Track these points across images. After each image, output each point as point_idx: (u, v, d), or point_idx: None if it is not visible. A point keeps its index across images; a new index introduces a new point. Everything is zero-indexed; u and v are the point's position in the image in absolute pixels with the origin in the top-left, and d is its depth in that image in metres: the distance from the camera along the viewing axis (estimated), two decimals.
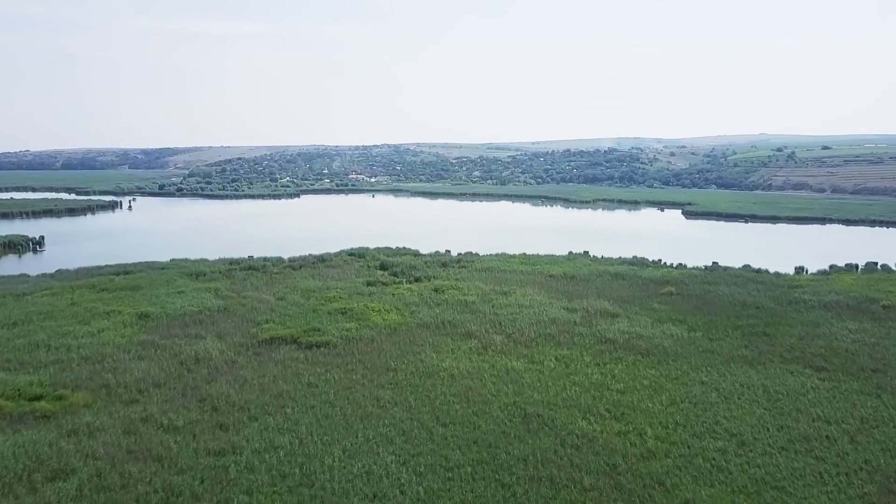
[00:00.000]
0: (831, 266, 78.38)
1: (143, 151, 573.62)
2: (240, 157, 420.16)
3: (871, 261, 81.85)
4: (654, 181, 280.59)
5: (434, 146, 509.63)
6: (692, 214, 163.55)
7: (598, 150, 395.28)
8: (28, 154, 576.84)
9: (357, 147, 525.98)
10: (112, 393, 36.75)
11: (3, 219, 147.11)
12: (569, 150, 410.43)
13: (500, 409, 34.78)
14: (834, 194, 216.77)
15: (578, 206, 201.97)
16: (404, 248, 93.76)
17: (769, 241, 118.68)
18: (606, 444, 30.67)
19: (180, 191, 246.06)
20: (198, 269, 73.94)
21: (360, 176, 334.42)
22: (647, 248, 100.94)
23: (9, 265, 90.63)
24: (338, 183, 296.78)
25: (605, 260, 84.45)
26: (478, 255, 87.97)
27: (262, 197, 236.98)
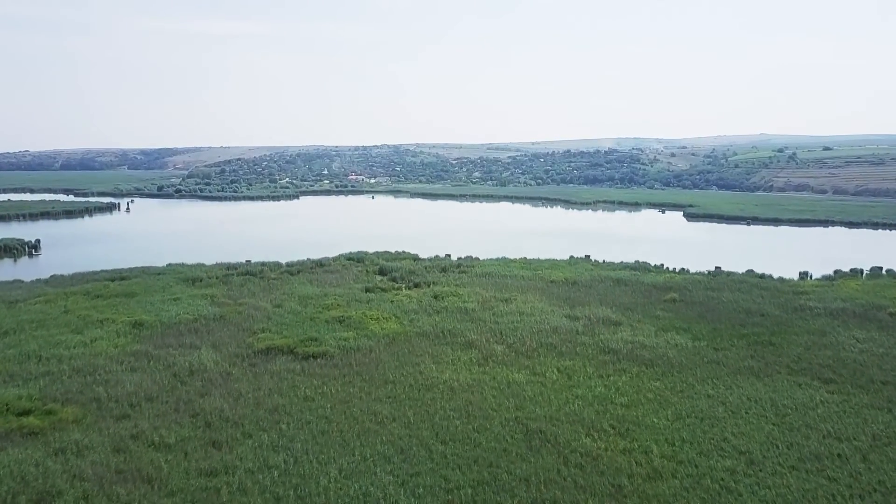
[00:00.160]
0: (836, 271, 77.45)
1: (143, 152, 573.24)
2: (239, 158, 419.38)
3: (876, 265, 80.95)
4: (654, 182, 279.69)
5: (434, 147, 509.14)
6: (693, 216, 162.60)
7: (598, 150, 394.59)
8: (27, 154, 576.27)
9: (357, 147, 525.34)
10: (103, 407, 35.79)
11: None
12: (569, 150, 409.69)
13: (501, 424, 33.82)
14: (835, 196, 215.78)
15: (579, 208, 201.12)
16: (403, 251, 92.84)
17: (772, 245, 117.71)
18: (611, 462, 29.71)
19: (179, 192, 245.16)
20: (194, 275, 73.00)
21: (360, 177, 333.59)
22: (649, 251, 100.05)
23: (3, 270, 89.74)
24: (337, 184, 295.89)
25: (606, 265, 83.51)
26: (478, 260, 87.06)
27: (261, 198, 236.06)
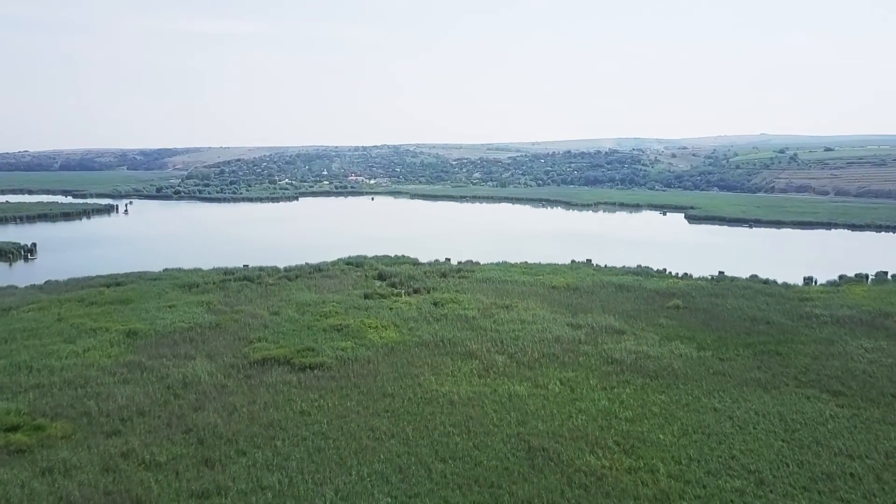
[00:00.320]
0: (841, 276, 76.48)
1: (142, 152, 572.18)
2: (238, 159, 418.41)
3: (881, 270, 79.96)
4: (655, 183, 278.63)
5: (434, 147, 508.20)
6: (695, 219, 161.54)
7: (598, 151, 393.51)
8: (26, 155, 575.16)
9: (357, 148, 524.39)
10: (93, 422, 34.85)
11: None
12: (569, 151, 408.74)
13: (502, 441, 32.86)
14: (837, 197, 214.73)
15: (579, 209, 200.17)
16: (403, 255, 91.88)
17: (775, 248, 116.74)
18: (617, 483, 28.75)
19: (178, 194, 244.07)
20: (191, 281, 72.03)
21: (360, 178, 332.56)
22: (651, 255, 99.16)
23: None
24: (337, 185, 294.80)
25: (608, 269, 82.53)
26: (478, 264, 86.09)
27: (260, 200, 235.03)
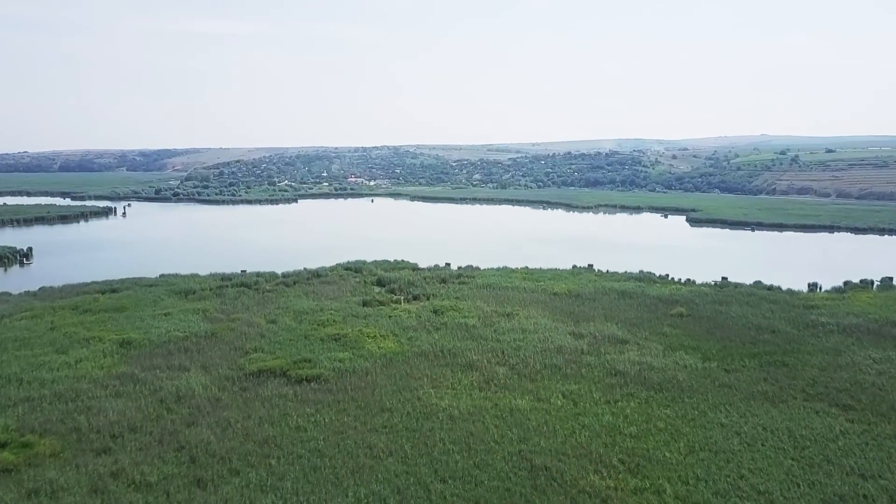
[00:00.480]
0: (846, 282, 75.51)
1: (142, 153, 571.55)
2: (238, 160, 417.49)
3: (887, 276, 79.05)
4: (656, 185, 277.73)
5: (434, 148, 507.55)
6: (697, 221, 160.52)
7: (599, 152, 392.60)
8: (26, 156, 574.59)
9: (357, 149, 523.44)
10: (83, 439, 33.89)
11: None
12: (570, 152, 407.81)
13: (503, 459, 31.89)
14: (839, 199, 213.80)
15: (580, 211, 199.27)
16: (402, 260, 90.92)
17: (778, 252, 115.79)
18: None
19: (176, 195, 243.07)
20: (187, 287, 71.08)
21: (360, 179, 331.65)
22: (653, 260, 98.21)
23: None
24: (337, 187, 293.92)
25: (610, 275, 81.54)
26: (478, 269, 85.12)
27: (259, 202, 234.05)
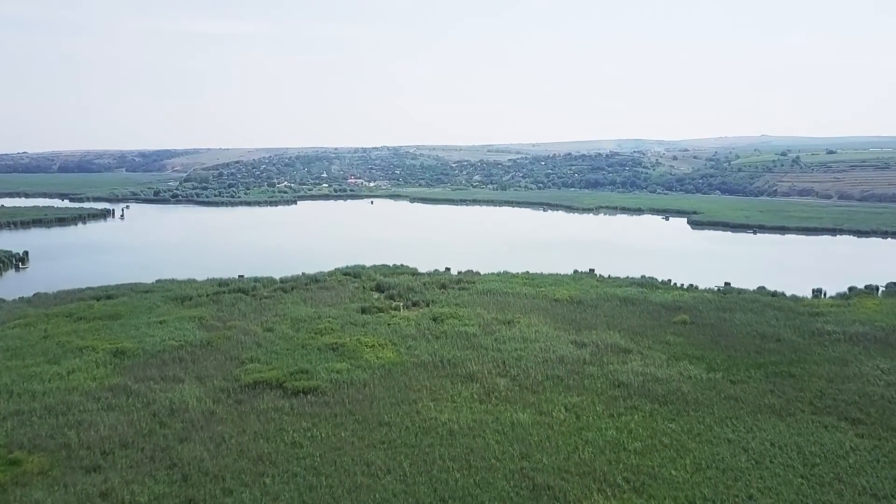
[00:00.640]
0: (850, 288, 74.60)
1: (141, 154, 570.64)
2: (238, 161, 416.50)
3: (892, 281, 78.15)
4: (656, 186, 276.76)
5: (434, 149, 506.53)
6: (698, 224, 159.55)
7: (599, 153, 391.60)
8: (25, 156, 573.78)
9: (356, 149, 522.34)
10: (73, 455, 32.98)
11: None
12: (570, 153, 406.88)
13: (504, 477, 30.98)
14: (841, 201, 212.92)
15: (581, 213, 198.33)
16: (402, 265, 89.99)
17: (781, 256, 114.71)
18: None
19: (175, 197, 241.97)
20: (184, 293, 70.16)
21: (359, 180, 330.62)
22: (655, 264, 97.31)
23: None
24: (336, 188, 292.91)
25: (612, 280, 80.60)
26: (479, 274, 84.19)
27: (258, 204, 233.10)
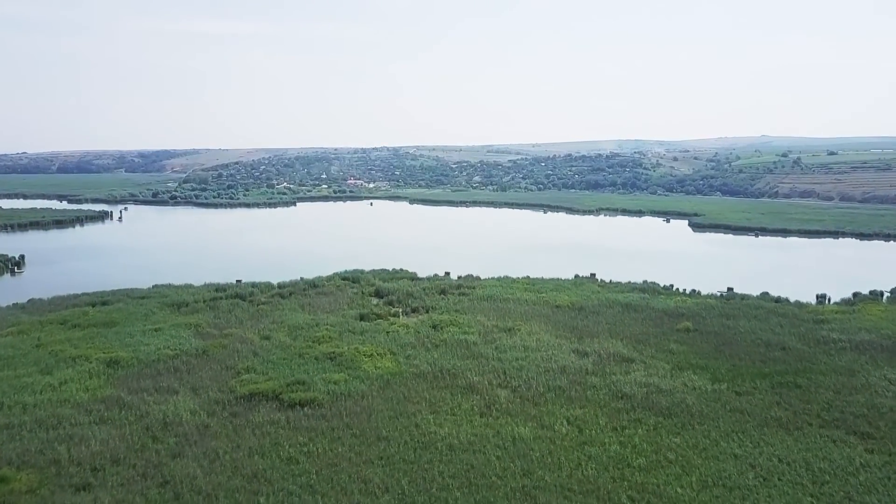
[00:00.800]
0: (855, 294, 73.70)
1: (141, 154, 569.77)
2: (237, 162, 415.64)
3: None
4: (657, 187, 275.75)
5: (434, 149, 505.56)
6: (699, 227, 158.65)
7: (599, 154, 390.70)
8: (24, 157, 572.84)
9: (356, 150, 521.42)
10: (62, 472, 32.12)
11: None
12: (570, 154, 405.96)
13: (506, 496, 30.12)
14: (842, 202, 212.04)
15: (581, 215, 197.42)
16: (401, 269, 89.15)
17: (783, 260, 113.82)
18: None
19: (174, 199, 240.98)
20: (180, 299, 69.29)
21: (359, 181, 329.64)
22: (656, 268, 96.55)
23: None
24: (336, 189, 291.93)
25: (613, 286, 79.71)
26: (479, 279, 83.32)
27: (257, 205, 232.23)
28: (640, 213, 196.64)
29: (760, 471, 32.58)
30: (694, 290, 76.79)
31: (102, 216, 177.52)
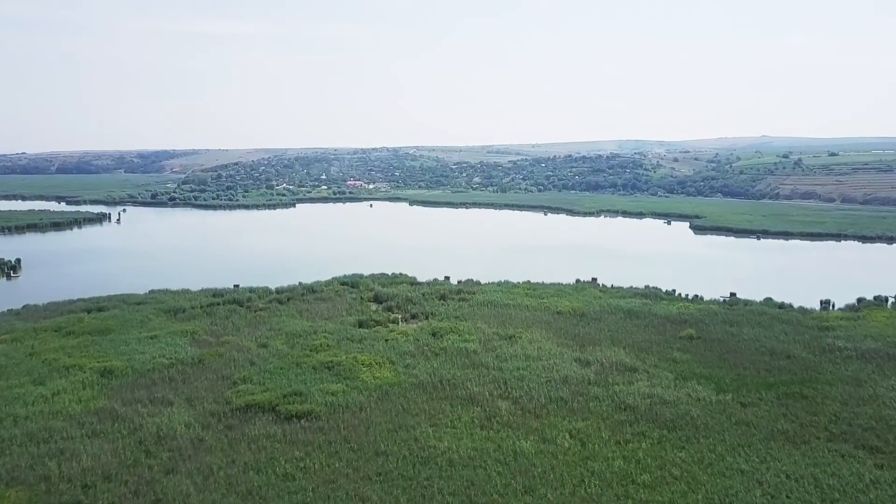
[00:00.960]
0: (859, 299, 72.88)
1: (140, 155, 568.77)
2: (237, 162, 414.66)
3: None
4: (658, 189, 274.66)
5: (434, 149, 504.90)
6: (701, 229, 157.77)
7: (600, 155, 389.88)
8: (24, 157, 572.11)
9: (356, 150, 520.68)
10: (52, 490, 31.35)
11: None
12: (570, 155, 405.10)
13: None
14: (843, 204, 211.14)
15: (582, 216, 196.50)
16: (401, 274, 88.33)
17: (786, 264, 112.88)
18: None
19: (172, 200, 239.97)
20: (177, 305, 68.49)
21: (359, 182, 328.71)
22: (658, 272, 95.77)
23: None
24: (335, 191, 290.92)
25: (615, 291, 78.90)
26: (479, 284, 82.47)
27: (256, 207, 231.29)
28: (640, 214, 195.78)
29: (768, 488, 31.78)
30: (696, 296, 75.94)
31: (101, 218, 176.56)
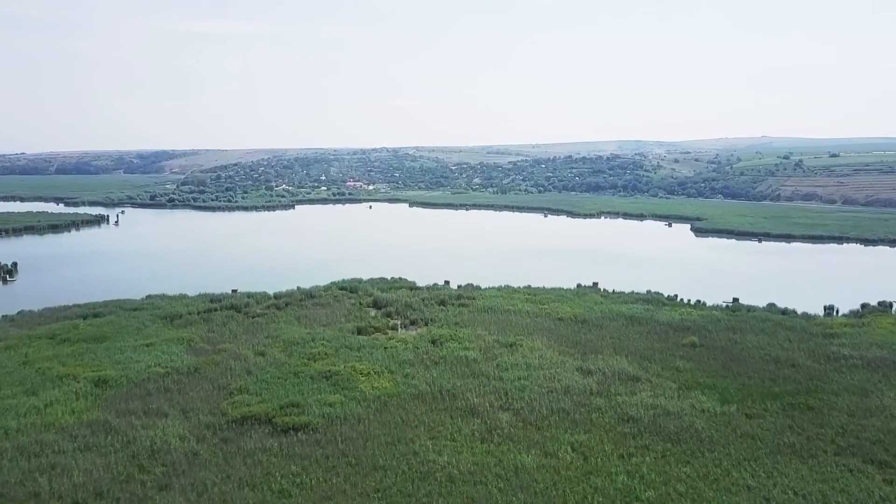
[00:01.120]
0: (863, 305, 72.11)
1: (139, 155, 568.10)
2: (236, 163, 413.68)
3: None
4: (658, 190, 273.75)
5: (433, 150, 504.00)
6: (702, 231, 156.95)
7: (600, 156, 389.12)
8: (23, 158, 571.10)
9: (356, 151, 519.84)
10: None
11: None
12: (570, 156, 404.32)
13: None
14: (845, 206, 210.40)
15: (583, 218, 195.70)
16: (400, 278, 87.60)
17: (788, 267, 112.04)
18: None
19: (171, 202, 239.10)
20: (173, 311, 67.74)
21: (358, 183, 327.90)
22: (660, 276, 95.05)
23: None
24: (335, 192, 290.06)
25: (616, 296, 78.12)
26: (479, 289, 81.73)
27: (255, 208, 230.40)
28: (641, 216, 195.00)
29: None
30: (699, 301, 75.19)
31: (99, 220, 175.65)
